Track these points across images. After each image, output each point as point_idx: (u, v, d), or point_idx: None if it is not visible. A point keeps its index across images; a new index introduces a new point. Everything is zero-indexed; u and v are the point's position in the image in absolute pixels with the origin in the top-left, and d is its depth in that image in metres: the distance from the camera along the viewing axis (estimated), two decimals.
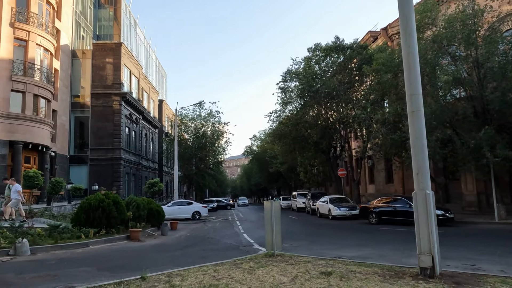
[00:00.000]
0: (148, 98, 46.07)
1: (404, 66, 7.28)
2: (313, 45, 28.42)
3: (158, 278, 7.04)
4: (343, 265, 8.07)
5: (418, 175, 6.96)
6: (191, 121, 42.92)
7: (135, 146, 38.66)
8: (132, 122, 37.40)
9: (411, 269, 7.45)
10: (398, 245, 12.07)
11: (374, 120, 20.50)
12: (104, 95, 33.68)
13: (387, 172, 31.79)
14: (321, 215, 26.21)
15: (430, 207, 6.76)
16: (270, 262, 8.46)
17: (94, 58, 34.13)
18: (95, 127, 33.34)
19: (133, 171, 37.32)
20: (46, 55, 26.91)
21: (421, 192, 6.89)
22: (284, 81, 29.82)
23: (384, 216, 19.41)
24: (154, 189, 27.99)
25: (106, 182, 31.45)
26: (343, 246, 12.02)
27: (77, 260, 10.27)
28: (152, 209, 18.75)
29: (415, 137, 7.05)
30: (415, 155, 7.05)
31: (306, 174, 39.06)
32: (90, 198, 15.18)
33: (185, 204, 28.19)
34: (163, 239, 15.52)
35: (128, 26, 43.21)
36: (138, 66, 40.52)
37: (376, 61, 20.47)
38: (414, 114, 7.06)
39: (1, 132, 23.31)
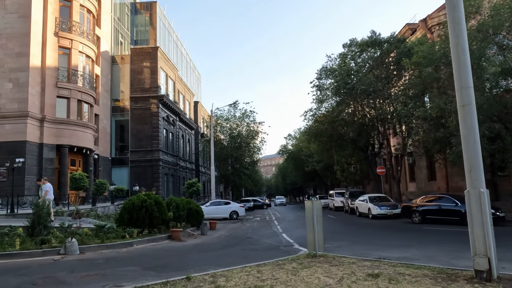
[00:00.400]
0: (184, 100, 46.96)
1: (453, 57, 6.91)
2: (348, 40, 27.84)
3: (203, 278, 7.10)
4: (389, 266, 7.79)
5: (471, 173, 6.58)
6: (226, 122, 43.31)
7: (172, 147, 39.54)
8: (169, 124, 38.26)
9: (464, 271, 7.07)
10: (445, 245, 11.55)
11: (415, 116, 19.73)
12: (142, 99, 34.66)
13: (429, 169, 30.55)
14: (360, 214, 25.62)
15: (484, 206, 6.38)
16: (313, 263, 8.31)
17: (132, 62, 35.23)
18: (134, 129, 34.39)
19: (171, 172, 38.19)
20: (88, 61, 28.06)
21: (474, 191, 6.52)
22: (319, 79, 29.40)
23: (428, 215, 18.66)
24: (192, 189, 28.52)
25: (146, 183, 32.39)
26: (387, 247, 11.63)
27: (123, 259, 10.58)
28: (191, 209, 19.06)
29: (467, 132, 6.68)
30: (467, 151, 6.67)
31: (343, 172, 38.36)
32: (133, 198, 15.64)
33: (223, 204, 28.47)
34: (203, 239, 15.72)
35: (163, 30, 44.21)
36: (174, 69, 41.40)
37: (416, 54, 19.69)
38: (465, 108, 6.68)
39: (49, 136, 24.55)
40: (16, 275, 8.40)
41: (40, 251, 11.16)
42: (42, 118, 24.28)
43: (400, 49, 25.09)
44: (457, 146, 16.82)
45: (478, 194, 6.44)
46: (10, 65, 23.56)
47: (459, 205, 17.45)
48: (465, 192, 6.67)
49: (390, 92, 26.77)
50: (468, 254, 9.59)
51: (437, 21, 27.43)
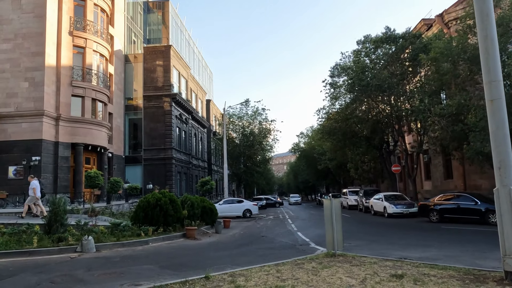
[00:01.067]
0: (196, 98, 47.03)
1: (481, 50, 6.64)
2: (363, 37, 27.39)
3: (222, 278, 6.97)
4: (413, 267, 7.56)
5: (501, 170, 6.31)
6: (238, 120, 43.25)
7: (185, 145, 39.62)
8: (182, 122, 38.34)
9: (492, 272, 6.81)
10: (467, 245, 11.24)
11: (432, 113, 19.30)
12: (155, 97, 34.78)
13: (446, 167, 29.97)
14: (375, 213, 25.27)
15: None
16: (334, 263, 8.13)
17: (145, 61, 35.37)
18: (147, 128, 34.53)
19: (184, 170, 38.28)
20: (101, 60, 28.23)
21: (504, 189, 6.25)
22: (332, 76, 29.03)
23: (446, 214, 18.27)
24: (206, 187, 28.47)
25: (159, 181, 32.51)
26: (406, 246, 11.37)
27: (139, 257, 10.54)
28: (206, 207, 19.01)
29: (496, 127, 6.41)
30: (496, 147, 6.40)
31: (357, 170, 37.91)
32: (148, 196, 15.63)
33: (236, 202, 28.39)
34: (218, 237, 15.63)
35: (176, 28, 44.30)
36: (186, 67, 41.46)
37: (434, 50, 19.26)
38: (495, 102, 6.41)
39: (65, 135, 24.77)
40: (34, 273, 8.41)
41: (57, 249, 11.19)
42: (58, 117, 24.51)
43: (415, 44, 24.59)
44: (475, 142, 16.41)
45: (509, 192, 6.17)
46: (26, 64, 23.81)
47: (478, 203, 17.05)
48: (494, 190, 6.40)
49: (405, 88, 26.29)
50: (493, 255, 9.35)
51: (454, 16, 26.82)
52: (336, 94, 29.87)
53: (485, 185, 25.68)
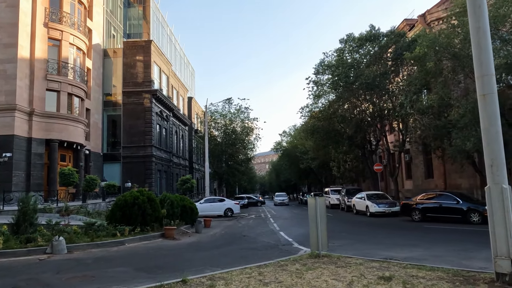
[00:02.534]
0: (178, 96, 46.18)
1: (473, 43, 6.39)
2: (345, 35, 27.25)
3: (200, 281, 6.52)
4: (400, 268, 7.28)
5: (492, 167, 6.07)
6: (220, 118, 42.63)
7: (166, 143, 38.78)
8: (163, 120, 37.50)
9: (481, 274, 6.58)
10: (452, 244, 11.10)
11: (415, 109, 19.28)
12: (135, 93, 33.85)
13: (426, 167, 30.24)
14: (358, 212, 25.20)
15: (507, 204, 5.88)
16: (318, 264, 7.78)
17: (124, 56, 34.37)
18: (127, 125, 33.59)
19: (164, 168, 37.45)
20: (79, 54, 27.22)
21: (496, 187, 6.00)
22: (316, 74, 28.79)
23: (429, 213, 18.26)
24: (186, 186, 27.76)
25: (139, 179, 31.71)
26: (392, 246, 11.15)
27: (113, 259, 9.97)
28: (186, 206, 18.47)
29: (488, 123, 6.17)
30: (488, 144, 6.16)
31: (339, 169, 37.93)
32: (125, 195, 15.01)
33: (217, 201, 27.88)
34: (198, 237, 15.13)
35: (157, 24, 43.36)
36: (168, 63, 40.60)
37: (420, 45, 19.20)
38: (487, 97, 6.17)
39: (38, 131, 23.72)
40: None
41: (25, 250, 10.51)
42: (31, 112, 23.44)
43: (399, 43, 24.61)
44: (457, 139, 16.42)
45: (501, 191, 5.93)
46: None
47: (460, 202, 17.09)
48: (486, 188, 6.16)
49: (388, 88, 26.32)
50: (479, 254, 9.20)
51: (437, 16, 27.02)
52: (320, 92, 29.67)
53: (465, 185, 25.97)
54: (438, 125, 17.93)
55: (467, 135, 15.85)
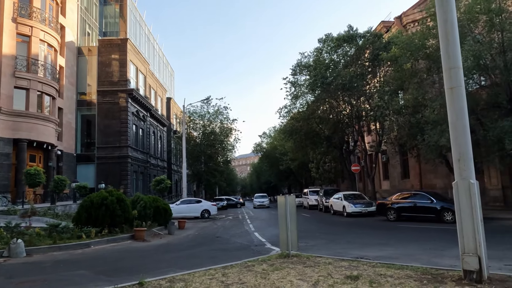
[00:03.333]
0: (156, 96, 45.38)
1: (441, 35, 6.26)
2: (324, 35, 27.26)
3: (158, 283, 6.14)
4: (369, 267, 7.08)
5: (460, 162, 5.94)
6: (199, 118, 42.06)
7: (142, 144, 37.97)
8: (139, 120, 36.70)
9: (450, 271, 6.44)
10: (424, 243, 11.04)
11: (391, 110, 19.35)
12: (110, 92, 33.01)
13: (403, 167, 30.58)
14: (335, 213, 25.14)
15: (475, 200, 5.75)
16: (286, 264, 7.51)
17: (100, 54, 33.48)
18: (102, 125, 32.70)
19: (141, 170, 36.64)
20: (50, 51, 26.30)
21: (463, 182, 5.87)
22: (293, 74, 28.67)
23: (404, 212, 18.30)
24: (161, 186, 27.05)
25: (114, 180, 30.85)
26: (364, 245, 11.01)
27: (74, 262, 9.46)
28: (159, 207, 17.97)
29: (455, 117, 6.03)
30: (456, 139, 6.03)
31: (318, 170, 37.94)
32: (92, 195, 14.44)
33: (194, 203, 27.35)
34: (170, 239, 14.67)
35: (134, 22, 42.54)
36: (145, 63, 39.81)
37: (395, 45, 19.30)
38: (454, 90, 6.04)
39: (5, 130, 22.73)
40: None
41: None
42: None
43: (376, 44, 24.74)
44: (432, 136, 16.52)
45: (468, 186, 5.80)
46: None
47: (434, 202, 17.19)
48: (453, 183, 6.02)
49: (365, 89, 26.44)
50: (449, 253, 9.13)
51: (412, 18, 27.36)
52: (297, 93, 29.56)
53: (440, 184, 26.33)
54: (412, 124, 18.01)
55: (440, 130, 15.93)
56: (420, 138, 17.96)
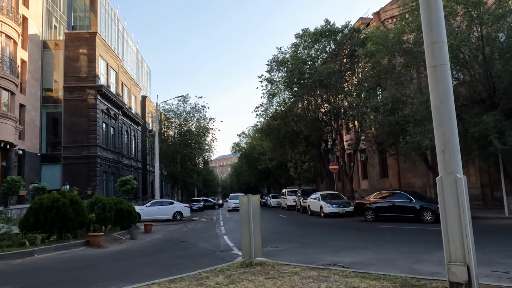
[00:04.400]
0: (129, 93, 43.65)
1: (422, 7, 5.33)
2: (301, 30, 26.42)
3: None
4: (341, 277, 6.11)
5: (445, 153, 5.00)
6: (175, 116, 40.56)
7: (114, 143, 36.26)
8: (110, 118, 35.00)
9: (433, 282, 5.51)
10: (403, 246, 10.16)
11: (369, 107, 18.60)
12: (78, 89, 31.25)
13: (382, 166, 30.04)
14: (312, 213, 24.29)
15: (462, 198, 4.81)
16: (246, 275, 6.45)
17: (67, 49, 31.67)
18: (68, 123, 30.92)
19: (112, 170, 34.94)
20: (8, 42, 24.48)
21: (449, 177, 4.93)
22: (269, 71, 27.64)
23: (382, 212, 17.54)
24: (126, 187, 25.36)
25: (82, 181, 29.21)
26: (339, 249, 10.07)
27: (5, 275, 8.15)
28: (122, 209, 16.61)
29: (439, 100, 5.10)
30: (439, 125, 5.10)
31: (297, 170, 37.09)
32: (43, 197, 13.04)
33: (166, 204, 26.02)
34: (130, 244, 13.41)
35: (106, 17, 40.76)
36: (117, 59, 38.10)
37: (371, 41, 18.56)
38: (438, 69, 5.11)
39: None
40: None
41: None
42: None
43: (354, 39, 24.03)
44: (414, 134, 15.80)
45: (454, 181, 4.86)
46: None
47: (413, 201, 16.50)
48: (437, 179, 5.08)
49: (343, 86, 25.70)
50: (431, 257, 8.25)
51: (390, 14, 26.84)
52: (274, 90, 28.59)
53: (418, 183, 25.85)
54: (391, 122, 17.27)
55: (424, 130, 15.22)
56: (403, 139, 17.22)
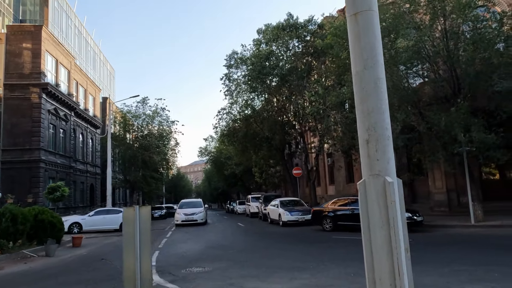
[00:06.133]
0: (86, 94, 40.83)
1: None
2: (263, 25, 24.82)
3: None
4: None
5: (369, 144, 3.22)
6: (132, 119, 38.06)
7: (64, 146, 33.43)
8: (59, 119, 32.21)
9: None
10: (350, 265, 8.44)
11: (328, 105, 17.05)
12: (20, 87, 28.46)
13: (348, 170, 28.71)
14: (272, 221, 22.54)
15: (394, 209, 3.04)
16: None
17: (8, 43, 28.85)
18: (8, 124, 28.05)
19: (61, 176, 32.06)
20: None
21: (375, 181, 3.15)
22: (229, 67, 25.73)
23: (341, 221, 15.91)
24: (55, 195, 22.56)
25: (22, 188, 26.54)
26: (274, 270, 8.27)
27: None
28: (44, 221, 14.36)
29: (362, 65, 3.30)
30: (362, 101, 3.31)
31: (262, 175, 35.34)
32: None
33: (113, 213, 23.61)
34: (37, 264, 11.18)
35: (59, 11, 38.05)
36: (69, 56, 35.35)
37: (330, 33, 17.10)
38: (360, 16, 3.35)
39: None
40: None
41: None
42: None
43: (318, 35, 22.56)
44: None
45: (382, 187, 3.10)
46: None
47: None
48: (358, 184, 3.30)
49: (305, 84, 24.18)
50: None
51: None
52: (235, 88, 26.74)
53: None
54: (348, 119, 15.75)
55: None
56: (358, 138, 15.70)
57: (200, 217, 24.76)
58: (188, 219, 24.40)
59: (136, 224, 5.70)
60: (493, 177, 22.79)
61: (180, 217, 24.73)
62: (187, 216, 24.57)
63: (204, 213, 26.05)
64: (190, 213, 24.79)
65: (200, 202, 28.27)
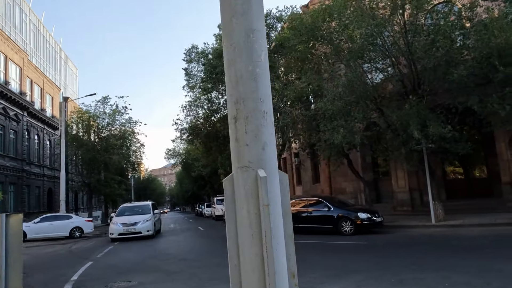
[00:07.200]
0: (42, 93, 38.58)
1: None
2: None
3: None
4: None
5: (237, 124, 2.25)
6: (93, 118, 36.11)
7: (15, 148, 31.22)
8: (8, 119, 30.04)
9: None
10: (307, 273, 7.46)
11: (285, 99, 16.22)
12: None
13: (314, 171, 28.12)
14: None
15: (268, 217, 2.07)
16: None
17: None
18: None
19: (10, 180, 29.89)
20: None
21: (244, 175, 2.18)
22: (189, 61, 24.44)
23: (299, 223, 14.94)
24: None
25: None
26: (204, 283, 7.23)
27: None
28: None
29: (232, 12, 2.35)
30: (231, 63, 2.33)
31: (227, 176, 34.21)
32: None
33: (62, 219, 21.99)
34: None
35: (13, 5, 35.75)
36: (21, 52, 33.15)
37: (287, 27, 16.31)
38: None
39: None
40: None
41: None
42: None
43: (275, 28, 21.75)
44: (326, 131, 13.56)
45: (254, 183, 2.13)
46: None
47: (331, 209, 14.20)
48: (224, 181, 2.31)
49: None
50: None
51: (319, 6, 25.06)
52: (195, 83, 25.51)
53: (349, 188, 23.97)
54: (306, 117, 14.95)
55: (336, 126, 12.97)
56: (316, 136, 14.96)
57: (145, 228, 18.15)
58: (128, 231, 17.83)
59: (2, 238, 4.53)
60: (457, 176, 22.65)
61: (116, 228, 18.06)
62: (126, 228, 17.96)
63: (152, 221, 18.97)
64: (131, 223, 18.27)
65: (148, 206, 20.98)
